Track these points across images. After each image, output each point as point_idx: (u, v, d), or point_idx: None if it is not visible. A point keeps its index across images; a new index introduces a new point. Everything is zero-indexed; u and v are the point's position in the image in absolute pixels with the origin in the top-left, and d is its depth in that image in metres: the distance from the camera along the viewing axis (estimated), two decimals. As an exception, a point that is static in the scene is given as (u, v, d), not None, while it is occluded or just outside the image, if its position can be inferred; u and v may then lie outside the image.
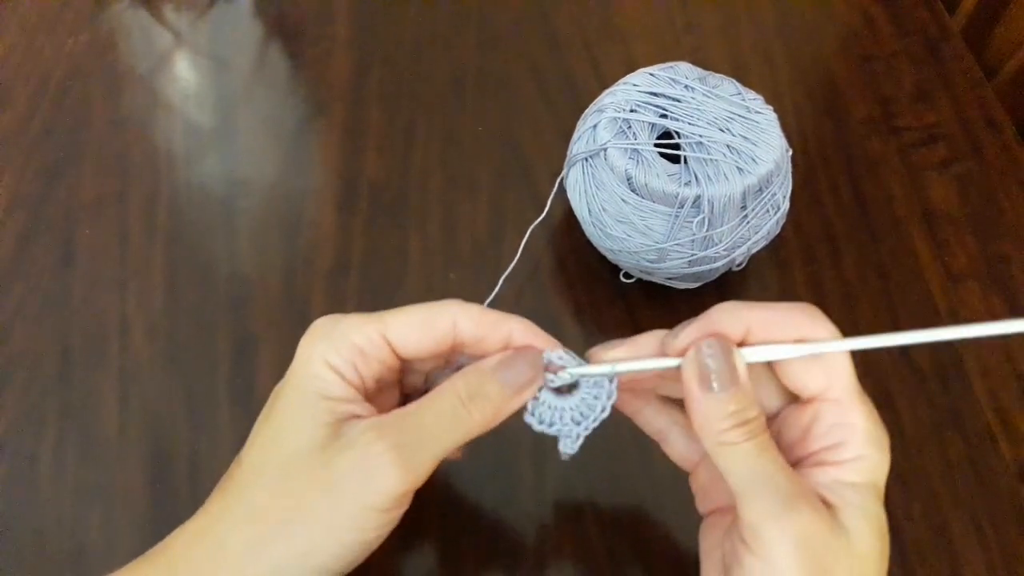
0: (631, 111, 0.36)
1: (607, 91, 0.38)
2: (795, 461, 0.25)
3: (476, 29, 0.53)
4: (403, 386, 0.30)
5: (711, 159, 0.34)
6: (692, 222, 0.35)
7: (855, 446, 0.24)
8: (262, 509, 0.24)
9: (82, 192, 0.45)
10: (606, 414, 0.26)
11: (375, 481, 0.24)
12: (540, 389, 0.26)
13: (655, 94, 0.36)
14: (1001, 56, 0.53)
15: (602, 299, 0.41)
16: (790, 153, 0.37)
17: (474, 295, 0.41)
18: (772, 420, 0.27)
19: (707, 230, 0.35)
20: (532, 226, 0.42)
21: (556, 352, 0.26)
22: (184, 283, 0.42)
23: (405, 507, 0.25)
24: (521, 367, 0.26)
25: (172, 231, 0.44)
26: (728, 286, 0.41)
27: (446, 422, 0.25)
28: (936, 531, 0.35)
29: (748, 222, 0.36)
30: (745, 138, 0.35)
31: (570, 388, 0.27)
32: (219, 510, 0.25)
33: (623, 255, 0.37)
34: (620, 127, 0.36)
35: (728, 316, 0.25)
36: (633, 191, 0.35)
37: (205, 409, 0.38)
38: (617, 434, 0.37)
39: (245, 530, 0.24)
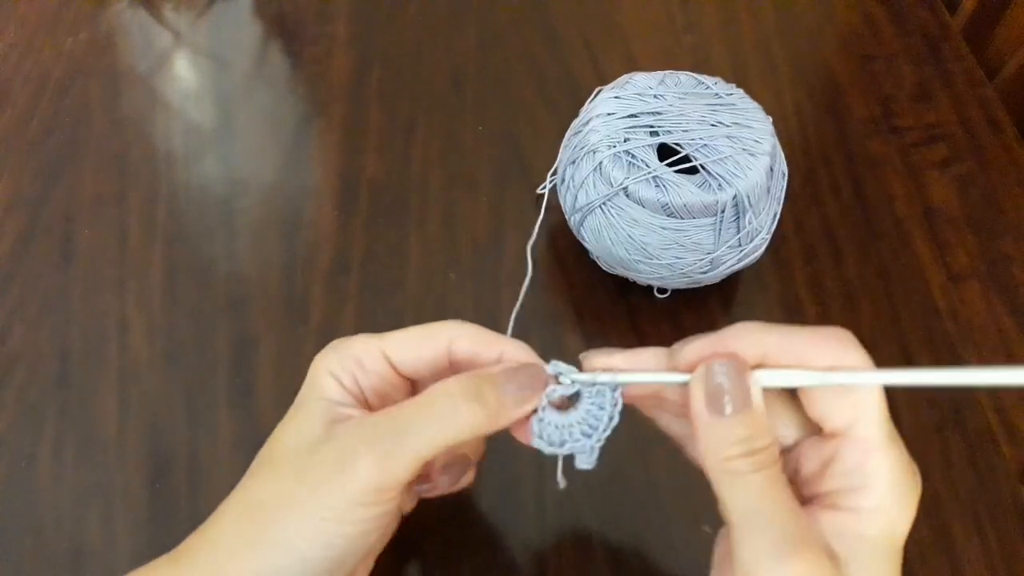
0: (625, 140, 0.36)
1: (581, 128, 0.38)
2: (808, 498, 0.23)
3: (476, 28, 0.53)
4: None
5: (723, 156, 0.35)
6: (735, 222, 0.35)
7: (875, 495, 0.22)
8: (257, 501, 0.25)
9: (81, 192, 0.45)
10: (616, 422, 0.25)
11: (349, 471, 0.24)
12: (542, 408, 0.26)
13: (634, 115, 0.36)
14: (1002, 56, 0.53)
15: (603, 302, 0.41)
16: (771, 120, 0.37)
17: (474, 295, 0.41)
18: (790, 450, 0.25)
19: (749, 223, 0.35)
20: (531, 240, 0.42)
21: (556, 364, 0.26)
22: (183, 283, 0.42)
23: (390, 504, 0.25)
24: (523, 379, 0.25)
25: (171, 231, 0.44)
26: (728, 287, 0.41)
27: (432, 418, 0.24)
28: (936, 531, 0.35)
29: (774, 196, 0.36)
30: (736, 123, 0.36)
31: (571, 402, 0.26)
32: (221, 509, 0.26)
33: (671, 279, 0.37)
34: (627, 161, 0.35)
35: (745, 336, 0.23)
36: (670, 215, 0.35)
37: (204, 409, 0.38)
38: (618, 449, 0.37)
39: (241, 521, 0.25)
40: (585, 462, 0.26)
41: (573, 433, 0.26)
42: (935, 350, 0.40)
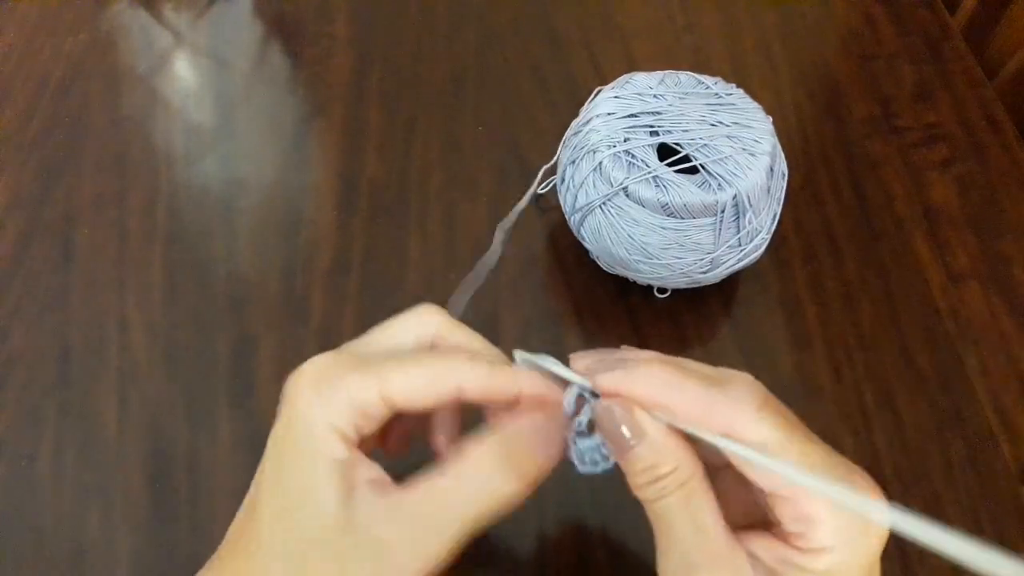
0: (625, 140, 0.36)
1: (581, 128, 0.38)
2: (758, 521, 0.23)
3: (476, 28, 0.53)
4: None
5: (723, 156, 0.35)
6: (735, 221, 0.35)
7: (819, 538, 0.21)
8: None
9: (81, 192, 0.45)
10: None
11: (387, 566, 0.22)
12: (572, 441, 0.25)
13: (634, 115, 0.36)
14: (1002, 56, 0.53)
15: (603, 302, 0.41)
16: (771, 120, 0.37)
17: (474, 295, 0.41)
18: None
19: (749, 223, 0.35)
20: (509, 223, 0.42)
21: (519, 353, 0.25)
22: (183, 283, 0.42)
23: None
24: (553, 439, 0.24)
25: (171, 231, 0.44)
26: (728, 287, 0.41)
27: (471, 502, 0.23)
28: (936, 531, 0.35)
29: (774, 196, 0.36)
30: (737, 123, 0.36)
31: (591, 428, 0.26)
32: None
33: (671, 279, 0.37)
34: (627, 161, 0.35)
35: (655, 384, 0.23)
36: (670, 215, 0.35)
37: (204, 409, 0.38)
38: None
39: None
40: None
41: (602, 452, 0.25)
42: (935, 350, 0.40)
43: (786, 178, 0.38)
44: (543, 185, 0.44)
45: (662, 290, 0.40)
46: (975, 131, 0.48)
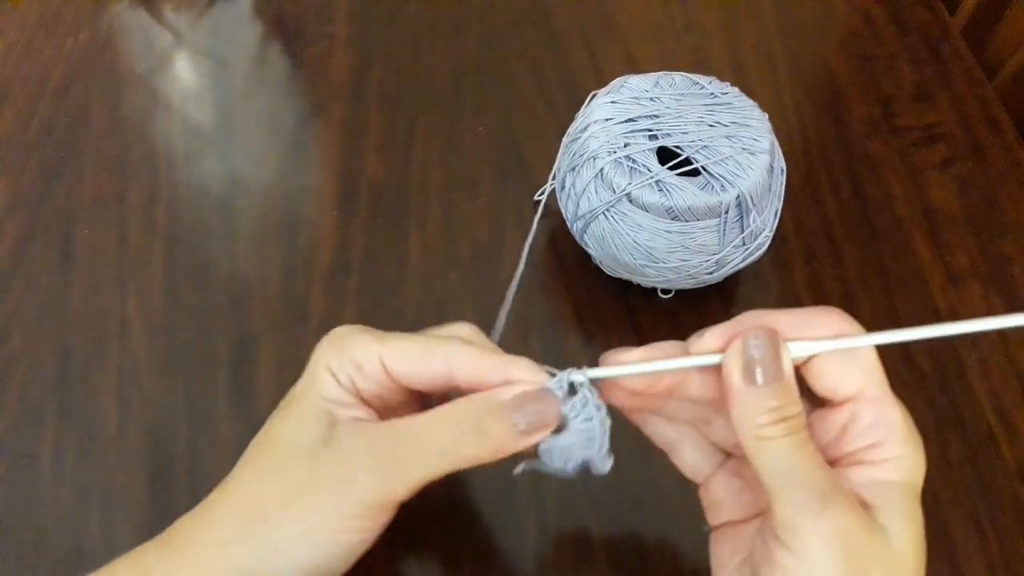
0: (625, 145, 0.36)
1: (579, 135, 0.37)
2: (831, 463, 0.25)
3: (476, 28, 0.53)
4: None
5: (724, 157, 0.35)
6: (738, 221, 0.35)
7: (894, 445, 0.24)
8: (254, 498, 0.25)
9: (81, 192, 0.45)
10: (609, 423, 0.25)
11: (351, 488, 0.24)
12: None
13: (632, 120, 0.36)
14: (1002, 56, 0.53)
15: (604, 303, 0.41)
16: (767, 116, 0.37)
17: (474, 295, 0.41)
18: None
19: (753, 222, 0.35)
20: (530, 238, 0.42)
21: (569, 374, 0.25)
22: (183, 283, 0.42)
23: (388, 517, 0.25)
24: (531, 411, 0.25)
25: (171, 231, 0.44)
26: (728, 287, 0.41)
27: (438, 448, 0.25)
28: (936, 531, 0.35)
29: (775, 193, 0.36)
30: (735, 122, 0.36)
31: (558, 428, 0.26)
32: (215, 497, 0.26)
33: (677, 281, 0.37)
34: (628, 166, 0.35)
35: (758, 319, 0.24)
36: (674, 219, 0.35)
37: (204, 409, 0.38)
38: (619, 449, 0.37)
39: (235, 515, 0.25)
40: (601, 469, 0.26)
41: (575, 453, 0.26)
42: (935, 350, 0.40)
43: (785, 174, 0.38)
44: (540, 192, 0.44)
45: (666, 291, 0.40)
46: (975, 131, 0.48)
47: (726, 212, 0.35)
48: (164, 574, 0.25)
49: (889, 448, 0.24)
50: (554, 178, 0.41)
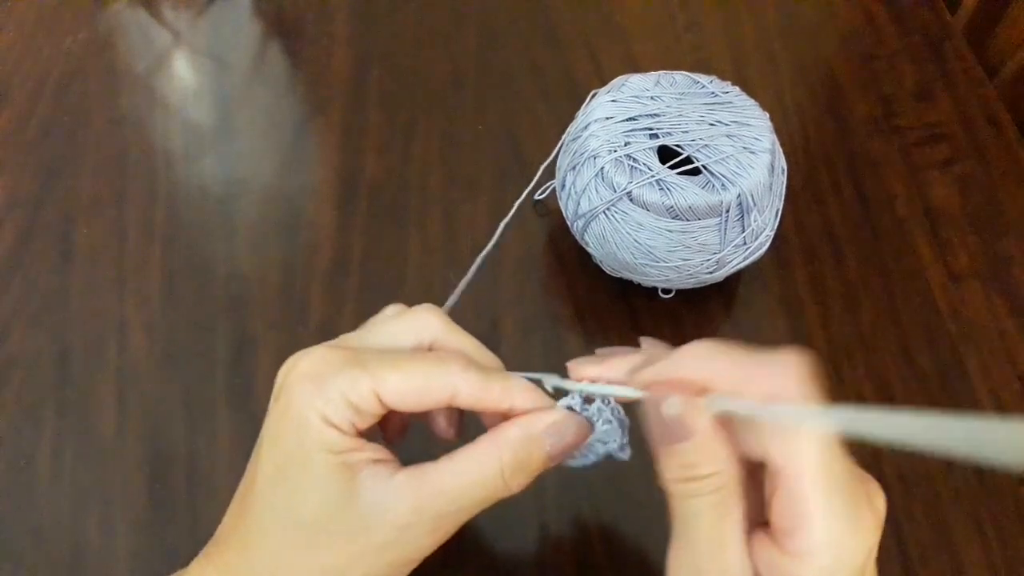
0: (626, 144, 0.36)
1: (579, 134, 0.37)
2: (762, 523, 0.23)
3: (476, 27, 0.53)
4: None
5: (725, 156, 0.34)
6: (739, 220, 0.35)
7: (808, 539, 0.21)
8: (287, 569, 0.24)
9: (80, 191, 0.45)
10: (627, 420, 0.26)
11: (408, 548, 0.24)
12: None
13: (632, 118, 0.36)
14: (1003, 55, 0.53)
15: (604, 303, 0.41)
16: (768, 115, 0.37)
17: (474, 295, 0.41)
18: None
19: (754, 221, 0.35)
20: (506, 218, 0.42)
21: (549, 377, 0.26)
22: (182, 283, 0.42)
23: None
24: (569, 436, 0.25)
25: (170, 231, 0.44)
26: (729, 287, 0.41)
27: (484, 495, 0.24)
28: (937, 531, 0.35)
29: (776, 193, 0.36)
30: (735, 121, 0.35)
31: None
32: (240, 570, 0.24)
33: (678, 281, 0.37)
34: (629, 165, 0.35)
35: (696, 360, 0.23)
36: (675, 218, 0.35)
37: (203, 409, 0.38)
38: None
39: None
40: (621, 456, 0.27)
41: (595, 448, 0.26)
42: (936, 350, 0.39)
43: (785, 173, 0.38)
44: (540, 191, 0.44)
45: (666, 290, 0.40)
46: (976, 131, 0.48)
47: (727, 211, 0.34)
48: None
49: (802, 540, 0.21)
50: (551, 173, 0.41)
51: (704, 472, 0.22)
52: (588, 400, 0.26)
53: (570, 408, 0.26)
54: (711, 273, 0.37)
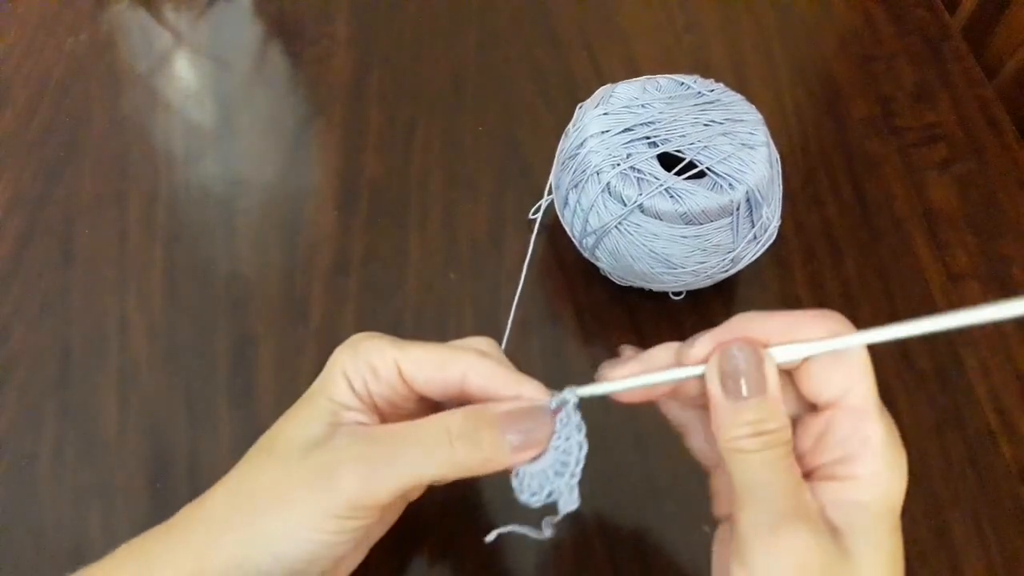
0: (628, 156, 0.35)
1: (576, 152, 0.37)
2: (805, 473, 0.24)
3: (476, 28, 0.53)
4: None
5: (726, 156, 0.35)
6: (748, 216, 0.35)
7: (867, 461, 0.22)
8: (248, 490, 0.26)
9: (81, 192, 0.45)
10: (585, 447, 0.25)
11: (332, 484, 0.24)
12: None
13: (628, 129, 0.36)
14: (1001, 56, 0.53)
15: (604, 303, 0.41)
16: (755, 108, 0.37)
17: (473, 295, 0.41)
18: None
19: (764, 215, 0.35)
20: (527, 259, 0.42)
21: (565, 394, 0.26)
22: (183, 283, 0.42)
23: (371, 519, 0.25)
24: (525, 427, 0.25)
25: (171, 231, 0.44)
26: (728, 288, 0.41)
27: (424, 451, 0.25)
28: (936, 531, 0.35)
29: (776, 183, 0.36)
30: (728, 119, 0.36)
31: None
32: (215, 487, 0.27)
33: (695, 283, 0.37)
34: (635, 177, 0.35)
35: (750, 324, 0.24)
36: (688, 223, 0.35)
37: (204, 409, 0.38)
38: (618, 448, 0.37)
39: (229, 505, 0.26)
40: (569, 504, 0.26)
41: (548, 476, 0.25)
42: (934, 350, 0.40)
43: (779, 163, 0.38)
44: (534, 210, 0.44)
45: (677, 293, 0.41)
46: (975, 131, 0.48)
47: (737, 209, 0.35)
48: (162, 559, 0.26)
49: (861, 464, 0.22)
50: (551, 192, 0.41)
51: (771, 426, 0.23)
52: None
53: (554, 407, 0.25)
54: (727, 271, 0.37)
